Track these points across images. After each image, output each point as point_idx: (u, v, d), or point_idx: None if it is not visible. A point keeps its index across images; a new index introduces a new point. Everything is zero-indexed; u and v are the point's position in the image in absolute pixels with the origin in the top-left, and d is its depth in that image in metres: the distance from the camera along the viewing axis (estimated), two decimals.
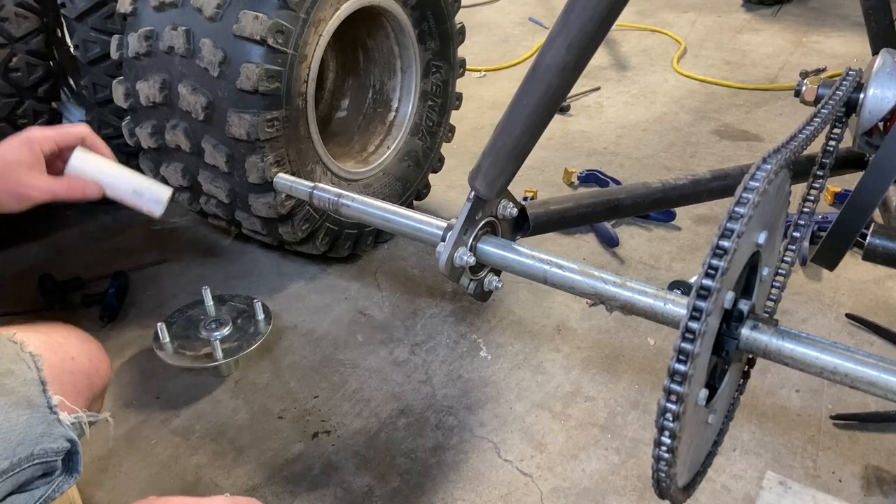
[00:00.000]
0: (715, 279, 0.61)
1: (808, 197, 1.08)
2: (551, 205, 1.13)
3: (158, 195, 1.09)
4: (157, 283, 1.90)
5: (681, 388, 0.62)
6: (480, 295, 1.07)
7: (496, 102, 3.02)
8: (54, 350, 0.91)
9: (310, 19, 1.53)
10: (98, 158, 1.07)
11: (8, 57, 1.72)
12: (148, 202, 1.09)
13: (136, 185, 1.08)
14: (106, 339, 1.66)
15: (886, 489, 1.29)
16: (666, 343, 1.66)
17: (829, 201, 2.17)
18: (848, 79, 1.17)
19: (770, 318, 0.74)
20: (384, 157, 1.96)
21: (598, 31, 0.81)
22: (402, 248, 2.03)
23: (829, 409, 1.45)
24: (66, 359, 0.92)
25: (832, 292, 1.81)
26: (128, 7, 1.61)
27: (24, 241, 2.07)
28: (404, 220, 1.09)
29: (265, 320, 1.59)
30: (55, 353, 0.90)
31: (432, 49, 1.96)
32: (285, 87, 1.52)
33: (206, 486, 1.33)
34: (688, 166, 2.48)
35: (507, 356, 1.63)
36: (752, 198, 0.64)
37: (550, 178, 2.41)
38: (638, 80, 3.26)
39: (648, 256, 1.99)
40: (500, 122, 0.92)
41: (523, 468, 1.35)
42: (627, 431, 1.43)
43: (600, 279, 0.85)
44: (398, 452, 1.39)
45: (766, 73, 3.29)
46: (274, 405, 1.51)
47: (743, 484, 1.30)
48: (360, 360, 1.63)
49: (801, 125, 0.90)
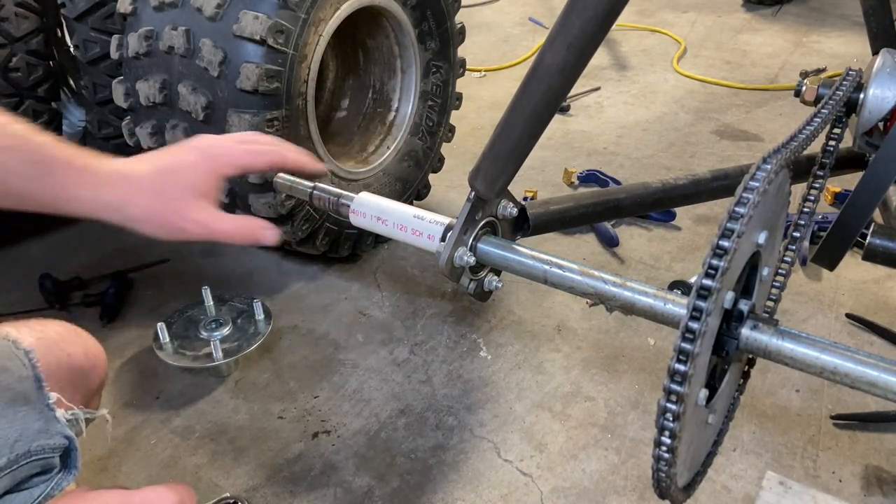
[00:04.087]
0: (715, 279, 0.61)
1: (808, 197, 1.08)
2: (551, 205, 1.13)
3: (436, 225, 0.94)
4: (157, 283, 1.90)
5: (681, 388, 0.62)
6: (480, 295, 1.07)
7: (496, 102, 3.02)
8: (49, 347, 0.90)
9: (310, 19, 1.53)
10: (375, 199, 0.92)
11: (8, 57, 1.72)
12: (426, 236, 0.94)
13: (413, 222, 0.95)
14: (106, 339, 1.66)
15: (886, 489, 1.29)
16: (666, 343, 1.66)
17: (829, 201, 2.17)
18: (848, 79, 1.17)
19: (770, 318, 0.74)
20: (384, 157, 1.96)
21: (598, 31, 0.81)
22: (402, 248, 2.03)
23: (829, 409, 1.45)
24: (61, 355, 0.92)
25: (832, 292, 1.81)
26: (128, 7, 1.61)
27: (24, 241, 2.07)
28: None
29: (265, 320, 1.59)
30: (50, 349, 0.90)
31: (432, 49, 1.96)
32: (285, 87, 1.52)
33: (207, 485, 1.32)
34: (688, 166, 2.48)
35: (507, 356, 1.63)
36: (753, 198, 0.64)
37: (550, 178, 2.41)
38: (638, 80, 3.26)
39: (648, 256, 1.98)
40: (500, 122, 0.92)
41: (523, 468, 1.35)
42: (627, 431, 1.43)
43: (600, 279, 0.85)
44: (398, 452, 1.39)
45: (766, 73, 3.29)
46: (274, 405, 1.51)
47: (743, 484, 1.30)
48: (360, 360, 1.63)
49: (802, 125, 0.90)
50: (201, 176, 0.80)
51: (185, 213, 0.79)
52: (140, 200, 0.77)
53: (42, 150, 0.74)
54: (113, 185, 0.76)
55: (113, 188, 0.76)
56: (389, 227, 1.06)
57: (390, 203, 1.08)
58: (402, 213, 1.08)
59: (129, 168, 0.78)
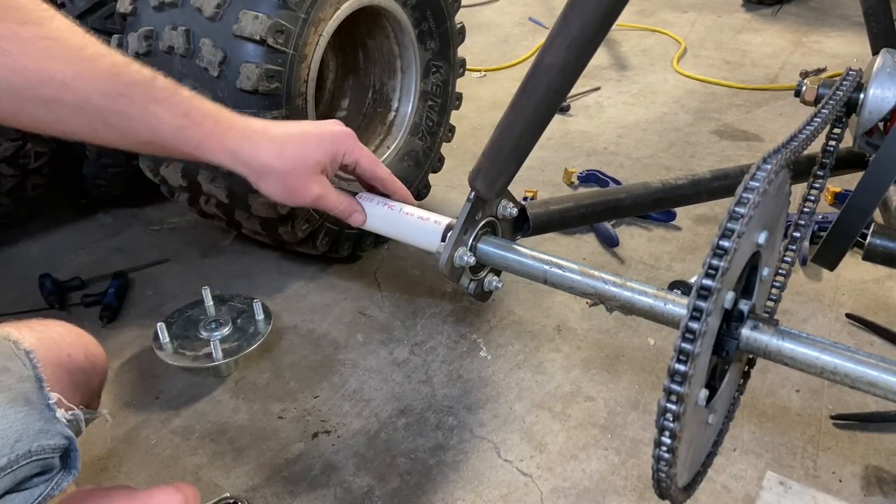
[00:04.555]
0: (715, 279, 0.61)
1: (808, 197, 1.08)
2: (551, 205, 1.13)
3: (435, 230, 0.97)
4: (157, 283, 1.90)
5: (681, 388, 0.62)
6: (480, 295, 1.07)
7: (496, 102, 3.02)
8: (50, 347, 0.90)
9: (310, 19, 1.53)
10: (375, 199, 0.98)
11: None
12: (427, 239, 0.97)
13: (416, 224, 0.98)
14: (106, 339, 1.66)
15: (886, 489, 1.29)
16: (666, 343, 1.66)
17: (829, 201, 2.17)
18: (848, 79, 1.17)
19: (770, 318, 0.74)
20: (384, 157, 1.96)
21: (598, 31, 0.81)
22: (402, 248, 2.03)
23: (830, 409, 1.45)
24: (62, 356, 0.92)
25: (832, 292, 1.81)
26: (128, 7, 1.61)
27: (24, 241, 2.07)
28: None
29: (265, 320, 1.59)
30: (51, 350, 0.90)
31: (432, 49, 1.96)
32: (285, 87, 1.52)
33: (207, 486, 1.32)
34: (688, 166, 2.48)
35: (507, 356, 1.63)
36: (753, 198, 0.64)
37: (550, 178, 2.41)
38: (638, 80, 3.26)
39: (648, 256, 1.98)
40: (500, 122, 0.92)
41: (523, 468, 1.35)
42: (627, 431, 1.43)
43: (600, 279, 0.85)
44: (398, 452, 1.39)
45: (766, 73, 3.29)
46: (274, 405, 1.51)
47: (743, 484, 1.30)
48: (360, 360, 1.63)
49: (802, 125, 0.90)
50: (326, 153, 0.89)
51: (304, 181, 0.87)
52: (270, 160, 0.85)
53: (190, 102, 0.82)
54: (250, 140, 0.85)
55: (249, 143, 0.85)
56: (390, 227, 1.06)
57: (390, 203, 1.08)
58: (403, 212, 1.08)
59: (266, 128, 0.87)
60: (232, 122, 0.85)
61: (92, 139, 0.80)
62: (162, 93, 0.80)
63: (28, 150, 1.83)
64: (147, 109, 0.78)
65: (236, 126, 0.86)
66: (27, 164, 1.85)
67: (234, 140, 0.85)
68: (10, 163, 1.81)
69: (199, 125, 0.82)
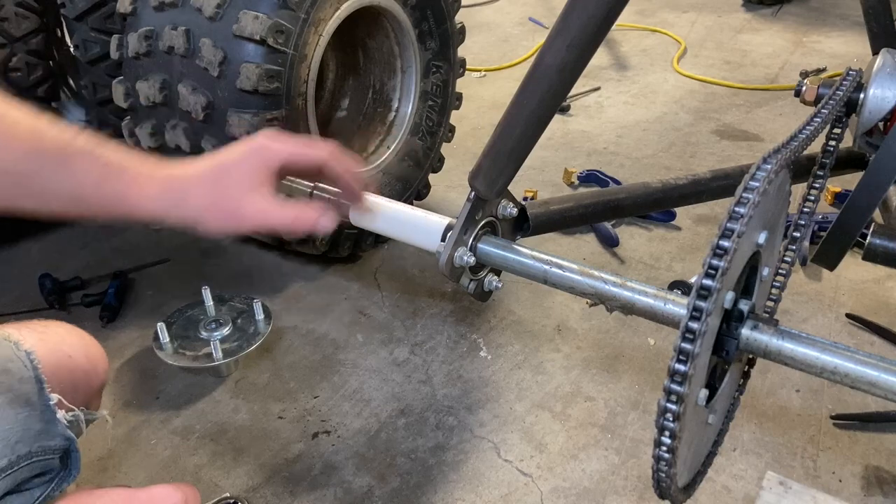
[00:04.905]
0: (715, 279, 0.61)
1: (808, 197, 1.08)
2: (551, 205, 1.13)
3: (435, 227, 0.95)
4: (157, 283, 1.90)
5: (681, 388, 0.62)
6: (480, 295, 1.07)
7: (496, 102, 3.02)
8: (51, 348, 0.90)
9: (310, 19, 1.53)
10: (375, 199, 0.94)
11: (8, 57, 1.72)
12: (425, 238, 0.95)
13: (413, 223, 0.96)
14: (106, 339, 1.66)
15: (886, 489, 1.29)
16: (666, 343, 1.66)
17: (829, 201, 2.17)
18: (848, 79, 1.17)
19: (770, 318, 0.74)
20: (384, 157, 1.96)
21: (598, 31, 0.81)
22: (402, 248, 2.03)
23: (830, 409, 1.45)
24: (62, 357, 0.92)
25: (832, 292, 1.81)
26: (128, 7, 1.61)
27: (24, 241, 2.07)
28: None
29: (265, 320, 1.59)
30: (52, 351, 0.90)
31: (432, 49, 1.96)
32: (285, 87, 1.52)
33: (207, 486, 1.32)
34: (688, 166, 2.48)
35: (507, 356, 1.63)
36: (753, 198, 0.64)
37: (550, 178, 2.41)
38: (638, 80, 3.26)
39: (648, 256, 1.98)
40: (500, 122, 0.92)
41: (523, 468, 1.35)
42: (627, 431, 1.43)
43: (600, 279, 0.85)
44: (398, 452, 1.39)
45: (766, 73, 3.29)
46: (274, 405, 1.51)
47: (743, 484, 1.30)
48: (360, 360, 1.63)
49: (802, 125, 0.90)
50: (253, 168, 0.82)
51: (242, 203, 0.80)
52: (199, 199, 0.80)
53: (110, 155, 0.77)
54: (172, 186, 0.79)
55: (173, 189, 0.79)
56: (389, 227, 1.06)
57: (390, 203, 1.08)
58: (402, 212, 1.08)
59: (186, 170, 0.81)
60: (152, 172, 0.79)
61: (11, 207, 0.75)
62: (82, 148, 0.75)
63: None
64: (66, 166, 0.74)
65: (157, 175, 0.79)
66: None
67: (156, 190, 0.78)
68: None
69: (118, 176, 0.76)
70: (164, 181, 0.80)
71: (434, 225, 1.05)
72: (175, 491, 0.79)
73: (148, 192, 0.78)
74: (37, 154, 0.73)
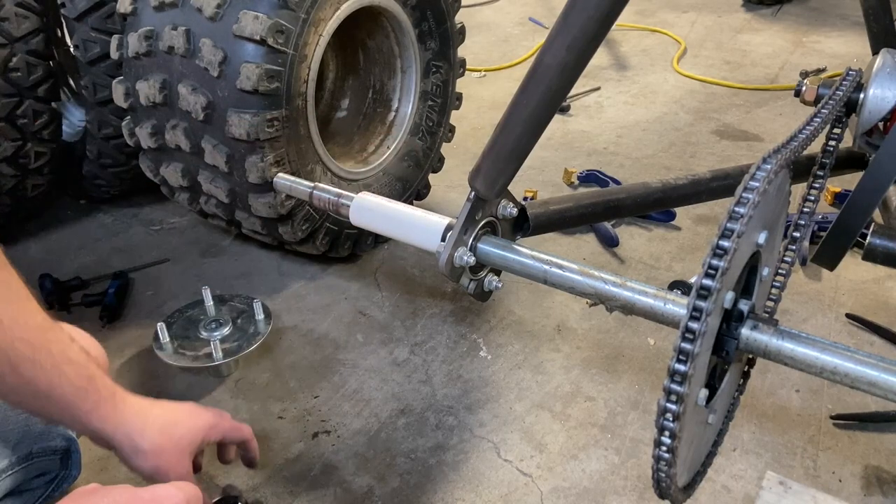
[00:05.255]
0: (715, 279, 0.61)
1: (808, 197, 1.08)
2: (551, 205, 1.14)
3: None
4: (157, 283, 1.90)
5: (681, 388, 0.62)
6: (480, 295, 1.07)
7: (496, 102, 3.02)
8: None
9: (310, 19, 1.53)
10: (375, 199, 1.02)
11: (8, 57, 1.72)
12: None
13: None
14: (106, 339, 1.66)
15: (886, 489, 1.29)
16: (666, 343, 1.66)
17: (829, 201, 2.17)
18: (848, 79, 1.17)
19: (770, 318, 0.74)
20: (384, 157, 1.96)
21: (598, 31, 0.81)
22: (402, 248, 2.03)
23: (829, 409, 1.45)
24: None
25: (832, 292, 1.81)
26: (128, 7, 1.61)
27: (24, 241, 2.07)
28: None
29: (265, 320, 1.59)
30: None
31: (432, 49, 1.96)
32: (285, 87, 1.52)
33: (207, 486, 1.32)
34: (688, 166, 2.48)
35: (507, 356, 1.63)
36: (753, 198, 0.64)
37: (550, 178, 2.41)
38: (638, 80, 3.26)
39: (648, 256, 1.98)
40: (500, 122, 0.92)
41: (523, 468, 1.35)
42: (627, 431, 1.43)
43: (600, 279, 0.85)
44: (398, 452, 1.39)
45: (766, 73, 3.29)
46: (274, 405, 1.51)
47: (743, 484, 1.30)
48: (360, 360, 1.63)
49: (802, 125, 0.91)
50: (197, 437, 0.95)
51: (177, 460, 0.92)
52: (150, 437, 0.89)
53: (95, 372, 0.86)
54: (134, 417, 0.89)
55: (139, 419, 0.89)
56: (389, 227, 1.06)
57: (390, 203, 1.08)
58: (402, 212, 1.08)
59: (151, 407, 0.92)
60: (125, 397, 0.89)
61: None
62: (75, 357, 0.83)
63: (28, 150, 1.83)
64: (58, 366, 0.81)
65: (129, 401, 0.89)
66: (27, 164, 1.85)
67: (126, 412, 0.88)
68: (10, 163, 1.81)
69: (97, 391, 0.85)
70: (129, 410, 0.89)
71: (434, 225, 1.05)
72: (178, 490, 0.80)
73: (116, 412, 0.87)
74: (40, 343, 0.81)
